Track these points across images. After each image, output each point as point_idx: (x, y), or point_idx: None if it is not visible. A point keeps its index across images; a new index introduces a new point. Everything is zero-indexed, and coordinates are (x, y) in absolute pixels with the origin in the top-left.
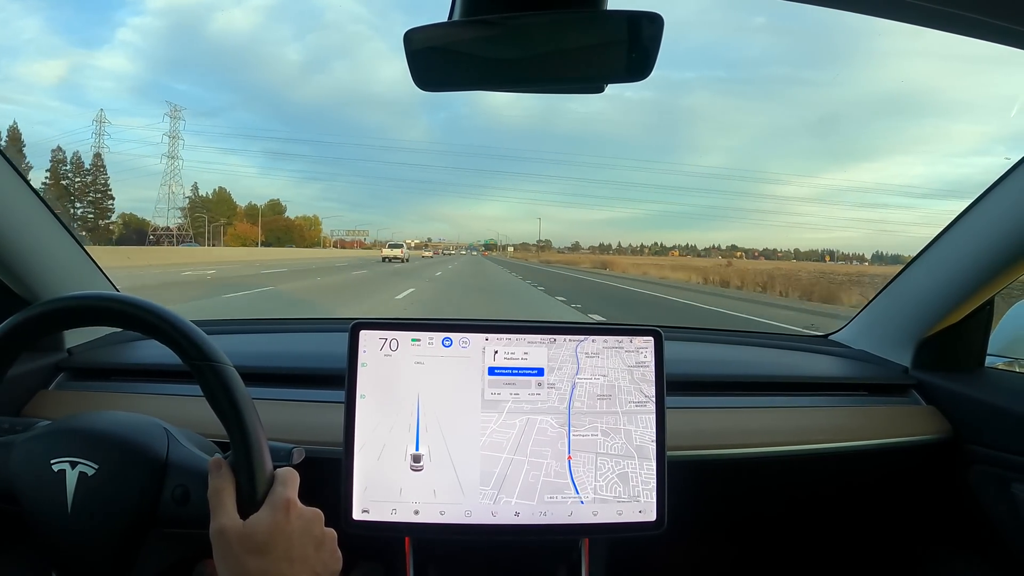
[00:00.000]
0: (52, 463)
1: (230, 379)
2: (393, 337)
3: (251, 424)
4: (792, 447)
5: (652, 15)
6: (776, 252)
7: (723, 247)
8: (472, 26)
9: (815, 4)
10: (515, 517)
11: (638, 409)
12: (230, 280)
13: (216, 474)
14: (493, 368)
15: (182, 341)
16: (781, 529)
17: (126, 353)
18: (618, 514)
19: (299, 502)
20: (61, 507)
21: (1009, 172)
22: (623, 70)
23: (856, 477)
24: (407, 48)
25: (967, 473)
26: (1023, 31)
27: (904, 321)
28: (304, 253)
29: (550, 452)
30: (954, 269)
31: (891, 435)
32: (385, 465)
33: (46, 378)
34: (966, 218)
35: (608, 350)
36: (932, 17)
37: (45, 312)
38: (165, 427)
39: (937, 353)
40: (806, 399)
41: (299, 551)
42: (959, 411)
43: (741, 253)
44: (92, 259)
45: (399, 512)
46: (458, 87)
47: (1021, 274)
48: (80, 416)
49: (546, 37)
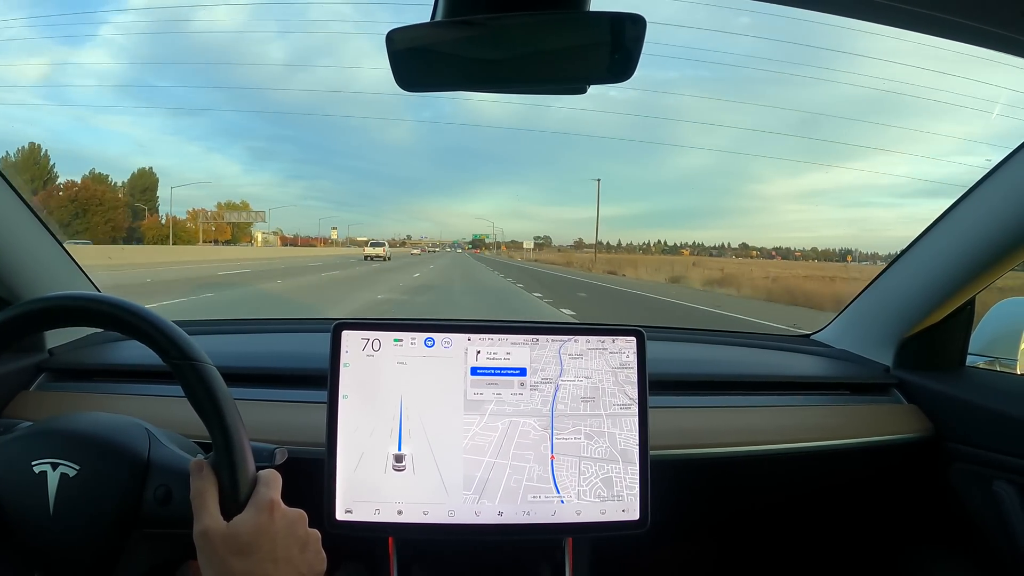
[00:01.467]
0: (33, 464)
1: (211, 378)
2: (376, 337)
3: (233, 424)
4: (774, 446)
5: (635, 16)
6: (794, 252)
7: (734, 245)
8: (455, 27)
9: (799, 7)
10: (498, 517)
11: (622, 412)
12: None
13: (198, 476)
14: (476, 368)
15: (162, 340)
16: (765, 528)
17: (108, 353)
18: (601, 513)
19: (282, 503)
20: (43, 508)
21: (990, 174)
22: (606, 71)
23: (838, 476)
24: (389, 49)
25: (948, 471)
26: (1001, 33)
27: (886, 320)
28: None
29: (532, 456)
30: (935, 269)
31: (873, 434)
32: (368, 465)
33: (27, 379)
34: (948, 218)
35: (592, 351)
36: (914, 20)
37: (25, 313)
38: (146, 427)
39: (918, 352)
40: (788, 398)
41: (283, 552)
42: (940, 410)
43: (756, 252)
44: (73, 259)
45: (382, 512)
46: (441, 88)
47: (1002, 274)
48: (61, 417)
49: (529, 38)
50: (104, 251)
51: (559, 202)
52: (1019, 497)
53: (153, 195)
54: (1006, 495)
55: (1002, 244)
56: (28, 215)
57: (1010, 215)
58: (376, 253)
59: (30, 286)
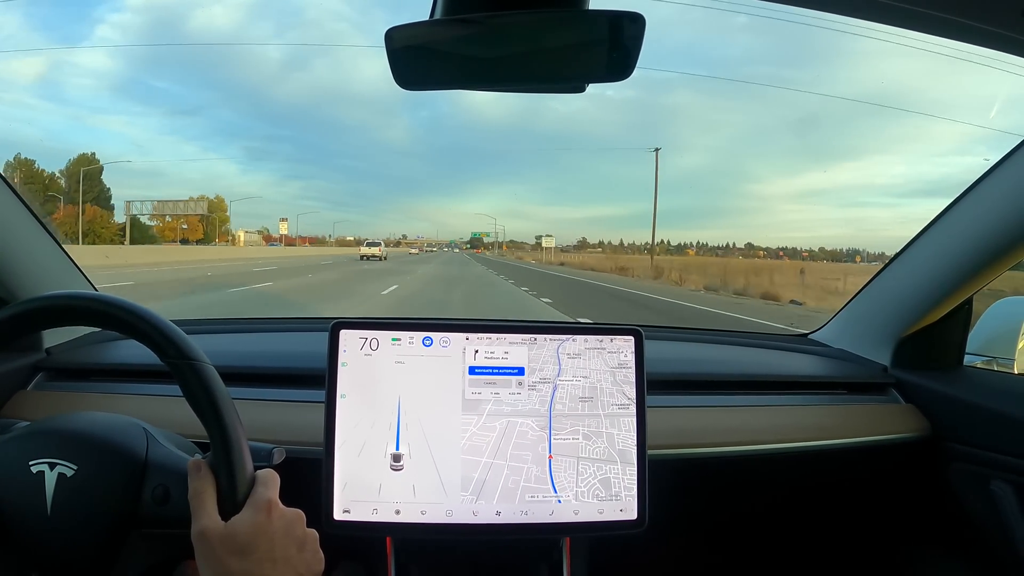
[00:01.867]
0: (31, 464)
1: (209, 377)
2: (373, 336)
3: (231, 423)
4: (772, 446)
5: (634, 15)
6: (801, 251)
7: (739, 245)
8: (453, 25)
9: (797, 5)
10: (496, 516)
11: (621, 412)
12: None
13: (196, 476)
14: (474, 367)
15: (160, 339)
16: (763, 527)
17: (105, 353)
18: (599, 513)
19: (280, 503)
20: (41, 509)
21: (987, 173)
22: (604, 70)
23: (836, 475)
24: (388, 47)
25: (946, 471)
26: (1000, 33)
27: (883, 320)
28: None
29: (530, 456)
30: (933, 268)
31: (871, 433)
32: (366, 465)
33: (24, 379)
34: (945, 218)
35: (590, 351)
36: (912, 19)
37: (22, 312)
38: (144, 427)
39: (916, 352)
40: (786, 398)
41: (282, 552)
42: (938, 409)
43: (763, 252)
44: (71, 258)
45: (380, 512)
46: (439, 86)
47: (1000, 273)
48: (58, 417)
49: (527, 36)
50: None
51: (558, 202)
52: (1017, 497)
53: (96, 185)
54: (1004, 495)
55: (1000, 243)
56: (26, 214)
57: (1008, 214)
58: (372, 253)
59: (27, 285)
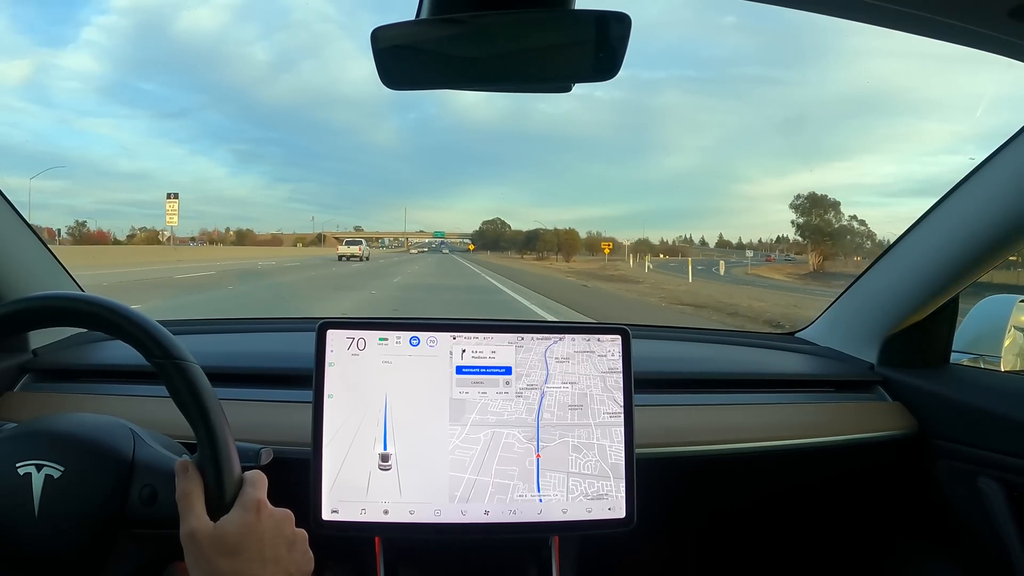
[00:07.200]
0: (18, 466)
1: (195, 377)
2: (360, 336)
3: (218, 424)
4: (760, 443)
5: (620, 15)
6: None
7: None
8: (440, 25)
9: (784, 6)
10: (485, 516)
11: (612, 421)
12: None
13: (183, 476)
14: (461, 367)
15: (146, 340)
16: (751, 525)
17: (92, 354)
18: (587, 512)
19: (269, 503)
20: (28, 510)
21: (973, 172)
22: (590, 69)
23: (824, 473)
24: (374, 46)
25: (934, 468)
26: (987, 33)
27: (870, 318)
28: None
29: (517, 472)
30: (920, 266)
31: (858, 431)
32: (353, 465)
33: (11, 380)
34: (932, 216)
35: (579, 354)
36: (900, 20)
37: (8, 313)
38: (131, 427)
39: (903, 350)
40: (773, 396)
41: (271, 552)
42: (925, 407)
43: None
44: (57, 259)
45: (368, 512)
46: (426, 86)
47: (986, 271)
48: (45, 418)
49: (514, 36)
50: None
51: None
52: (1003, 493)
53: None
54: (990, 491)
55: (986, 241)
56: (11, 214)
57: (994, 213)
58: (351, 253)
59: (13, 286)
